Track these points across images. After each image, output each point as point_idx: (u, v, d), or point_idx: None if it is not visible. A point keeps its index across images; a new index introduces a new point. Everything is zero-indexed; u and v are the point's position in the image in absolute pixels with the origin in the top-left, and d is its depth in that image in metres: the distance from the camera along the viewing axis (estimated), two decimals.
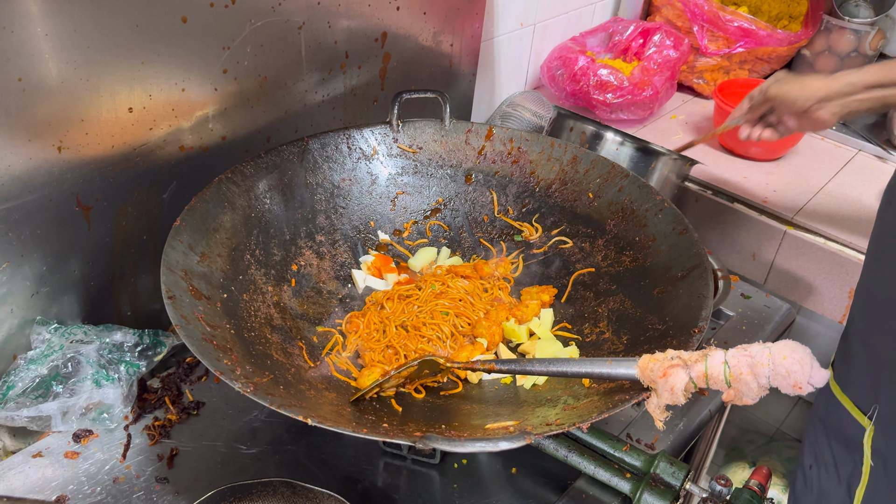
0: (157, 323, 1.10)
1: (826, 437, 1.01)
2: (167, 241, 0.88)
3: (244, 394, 0.73)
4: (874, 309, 0.94)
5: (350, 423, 0.75)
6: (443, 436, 0.70)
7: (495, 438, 0.68)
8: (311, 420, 0.70)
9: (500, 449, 0.68)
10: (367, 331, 1.01)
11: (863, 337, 0.96)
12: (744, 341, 1.17)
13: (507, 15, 1.62)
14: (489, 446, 0.68)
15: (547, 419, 0.80)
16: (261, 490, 0.83)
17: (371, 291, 1.11)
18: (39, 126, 0.85)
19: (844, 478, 0.97)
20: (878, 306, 0.93)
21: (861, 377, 0.95)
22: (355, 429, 0.72)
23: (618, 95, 1.66)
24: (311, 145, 1.12)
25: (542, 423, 0.78)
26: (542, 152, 1.17)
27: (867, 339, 0.94)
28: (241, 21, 1.01)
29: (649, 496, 0.84)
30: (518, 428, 0.77)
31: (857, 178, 1.62)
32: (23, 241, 0.90)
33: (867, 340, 0.94)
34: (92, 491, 0.87)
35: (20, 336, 0.96)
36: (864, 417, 0.93)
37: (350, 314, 1.05)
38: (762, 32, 1.79)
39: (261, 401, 0.72)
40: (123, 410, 0.95)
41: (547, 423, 0.77)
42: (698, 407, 1.05)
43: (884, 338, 0.91)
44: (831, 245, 1.41)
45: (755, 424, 2.33)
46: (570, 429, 0.73)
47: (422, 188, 1.19)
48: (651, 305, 0.95)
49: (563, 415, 0.80)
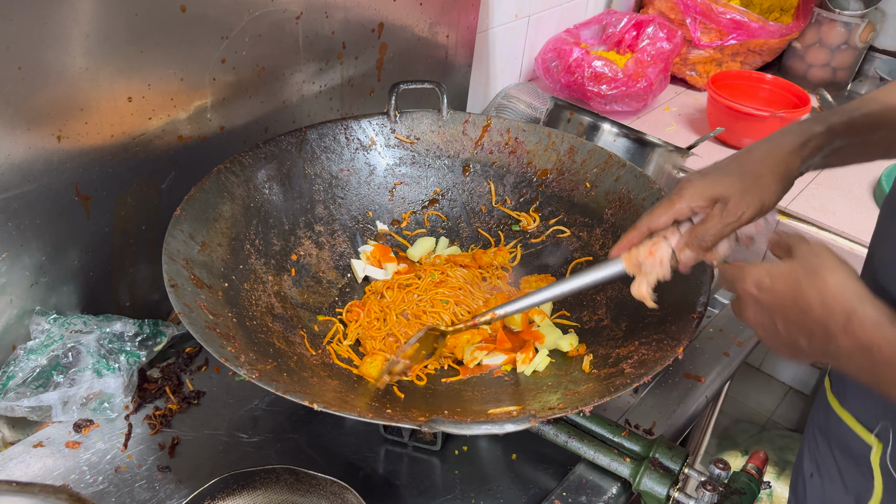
0: (156, 313, 1.10)
1: (829, 448, 0.94)
2: (168, 231, 0.88)
3: (250, 380, 0.73)
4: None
5: (355, 409, 0.75)
6: (448, 419, 0.71)
7: (501, 421, 0.69)
8: (317, 405, 0.71)
9: (506, 431, 0.69)
10: (367, 319, 1.02)
11: None
12: (739, 329, 1.18)
13: (502, 6, 1.62)
14: (495, 429, 0.69)
15: (549, 404, 0.80)
16: (264, 477, 0.83)
17: (370, 281, 1.11)
18: (39, 115, 0.85)
19: (852, 489, 0.90)
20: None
21: (862, 393, 0.88)
22: (361, 413, 0.72)
23: (612, 87, 1.67)
24: (310, 136, 1.12)
25: (545, 408, 0.79)
26: (539, 142, 1.18)
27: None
28: (239, 11, 1.01)
29: (649, 480, 0.85)
30: (521, 412, 0.78)
31: (849, 168, 1.64)
32: (22, 231, 0.90)
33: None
34: (94, 480, 0.87)
35: (19, 326, 0.96)
36: (868, 435, 0.85)
37: (350, 303, 1.06)
38: (754, 25, 1.80)
39: (266, 387, 0.72)
40: (124, 400, 0.95)
41: (550, 407, 0.78)
42: (694, 394, 1.06)
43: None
44: (824, 234, 1.42)
45: (747, 414, 2.35)
46: (572, 412, 0.74)
47: (420, 178, 1.20)
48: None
49: (564, 399, 0.81)
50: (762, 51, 1.93)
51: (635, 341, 0.90)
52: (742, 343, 1.16)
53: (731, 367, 1.13)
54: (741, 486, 0.86)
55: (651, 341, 0.87)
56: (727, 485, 0.86)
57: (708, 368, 1.10)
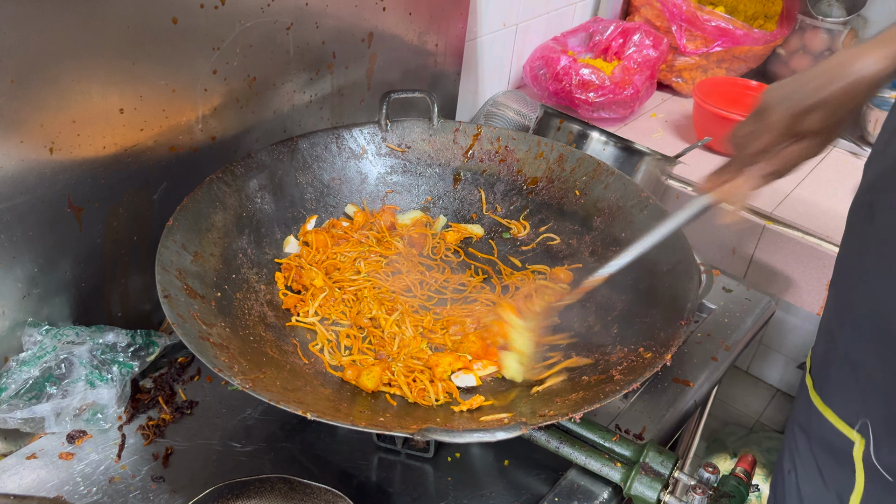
0: (148, 323, 1.10)
1: (809, 445, 0.96)
2: (161, 241, 0.89)
3: (243, 389, 0.73)
4: (858, 325, 0.87)
5: (348, 418, 0.76)
6: (440, 428, 0.72)
7: (492, 429, 0.70)
8: (310, 414, 0.72)
9: (497, 439, 0.70)
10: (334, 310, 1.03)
11: (846, 352, 0.89)
12: (726, 333, 1.20)
13: (490, 15, 1.64)
14: (486, 436, 0.70)
15: (540, 410, 0.81)
16: (258, 487, 0.84)
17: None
18: (31, 127, 0.85)
19: (832, 485, 0.92)
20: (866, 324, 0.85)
21: (846, 391, 0.90)
22: (354, 422, 0.73)
23: (600, 94, 1.69)
24: (301, 145, 1.13)
25: (536, 415, 0.80)
26: (528, 151, 1.19)
27: (852, 356, 0.88)
28: (230, 22, 1.01)
29: (640, 484, 0.86)
30: (512, 419, 0.78)
31: (833, 173, 1.67)
32: (14, 243, 0.90)
33: (852, 356, 0.88)
34: (88, 491, 0.87)
35: (11, 338, 0.96)
36: (850, 431, 0.87)
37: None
38: (739, 32, 1.83)
39: (260, 396, 0.73)
40: (117, 411, 0.96)
41: (541, 414, 0.79)
42: (683, 399, 1.08)
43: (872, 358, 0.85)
44: (809, 239, 1.44)
45: (735, 417, 2.38)
46: (563, 419, 0.75)
47: (411, 187, 1.21)
48: (638, 299, 0.98)
49: (555, 406, 0.82)
50: (747, 57, 1.95)
51: (625, 348, 0.91)
52: (730, 347, 1.17)
53: (719, 371, 1.14)
54: (730, 490, 0.87)
55: (640, 347, 0.88)
56: (717, 488, 0.87)
57: (696, 373, 1.12)
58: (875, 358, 0.84)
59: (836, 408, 0.90)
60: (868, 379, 0.86)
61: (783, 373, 2.44)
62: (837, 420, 0.89)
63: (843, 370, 0.90)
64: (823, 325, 0.98)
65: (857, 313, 0.87)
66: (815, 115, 0.75)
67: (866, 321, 0.85)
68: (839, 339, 0.90)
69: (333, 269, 1.08)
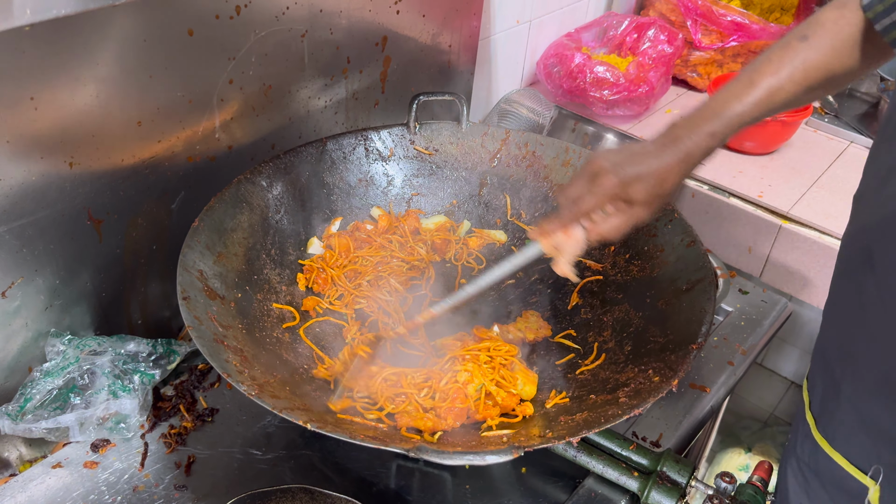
0: (167, 331, 1.12)
1: (822, 486, 0.94)
2: (185, 242, 0.90)
3: (249, 396, 0.75)
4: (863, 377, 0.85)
5: (347, 430, 0.76)
6: (433, 447, 0.73)
7: (482, 452, 0.71)
8: (310, 425, 0.72)
9: (487, 463, 0.71)
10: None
11: (853, 403, 0.87)
12: (742, 337, 1.20)
13: (503, 12, 1.62)
14: (476, 459, 0.71)
15: (538, 432, 0.82)
16: (280, 497, 0.85)
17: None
18: (51, 143, 0.86)
19: None
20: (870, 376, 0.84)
21: (852, 436, 0.88)
22: (352, 435, 0.73)
23: (614, 92, 1.68)
24: (329, 146, 1.13)
25: (535, 436, 0.80)
26: (556, 157, 1.18)
27: (859, 406, 0.86)
28: (245, 32, 1.01)
29: (657, 494, 0.87)
30: (513, 438, 0.79)
31: (850, 170, 1.65)
32: (36, 256, 0.91)
33: (859, 407, 0.86)
34: (113, 500, 0.89)
35: (35, 348, 0.97)
36: (864, 476, 0.86)
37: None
38: (755, 26, 1.81)
39: (264, 404, 0.74)
40: (139, 419, 0.97)
41: (539, 436, 0.80)
42: (700, 404, 1.08)
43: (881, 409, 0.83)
44: (825, 239, 1.43)
45: (749, 410, 2.37)
46: (559, 443, 0.76)
47: (436, 190, 1.21)
48: (654, 317, 0.97)
49: (557, 427, 0.82)
50: (763, 52, 1.93)
51: (635, 368, 0.90)
52: (746, 352, 1.17)
53: (736, 375, 1.14)
54: (747, 499, 0.87)
55: (650, 369, 0.87)
56: (733, 497, 0.88)
57: (713, 378, 1.12)
58: (884, 409, 0.82)
59: (846, 453, 0.89)
60: (878, 428, 0.84)
61: (797, 365, 2.43)
62: (848, 465, 0.88)
63: (849, 417, 0.88)
64: (818, 355, 0.95)
65: (859, 364, 0.85)
66: (641, 185, 0.81)
67: (870, 373, 0.83)
68: (843, 388, 0.88)
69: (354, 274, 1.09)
